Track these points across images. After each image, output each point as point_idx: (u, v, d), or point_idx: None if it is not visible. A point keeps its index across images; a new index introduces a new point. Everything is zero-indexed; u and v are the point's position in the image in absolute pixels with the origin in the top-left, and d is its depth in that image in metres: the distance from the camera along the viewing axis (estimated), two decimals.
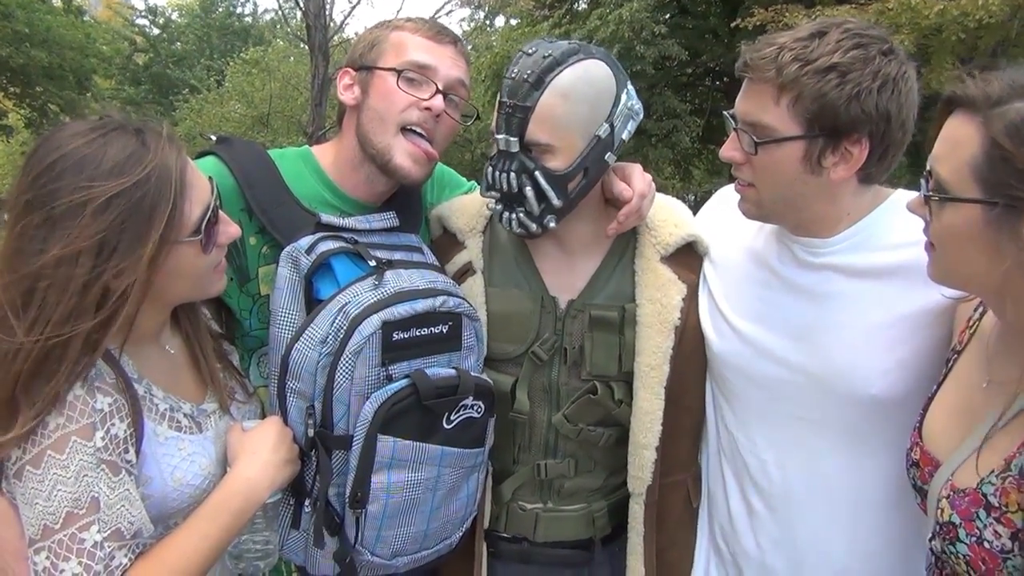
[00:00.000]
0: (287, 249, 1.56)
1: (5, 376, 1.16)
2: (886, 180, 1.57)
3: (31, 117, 20.56)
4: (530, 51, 1.58)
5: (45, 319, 1.17)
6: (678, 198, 1.94)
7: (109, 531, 1.19)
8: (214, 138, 1.68)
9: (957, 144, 1.16)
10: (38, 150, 1.24)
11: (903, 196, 1.51)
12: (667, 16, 14.58)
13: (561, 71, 1.54)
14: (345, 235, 1.60)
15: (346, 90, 1.73)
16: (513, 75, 1.55)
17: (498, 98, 1.58)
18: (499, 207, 1.64)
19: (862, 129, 1.41)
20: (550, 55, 1.55)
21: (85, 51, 20.65)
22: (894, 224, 1.52)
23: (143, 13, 30.94)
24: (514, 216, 1.63)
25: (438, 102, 1.65)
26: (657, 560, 1.77)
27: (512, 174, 1.58)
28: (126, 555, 1.21)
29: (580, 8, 15.84)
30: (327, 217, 1.63)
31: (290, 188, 1.65)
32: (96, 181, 1.19)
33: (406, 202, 1.81)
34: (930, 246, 1.28)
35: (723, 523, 1.78)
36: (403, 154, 1.66)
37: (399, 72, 1.64)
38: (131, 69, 29.84)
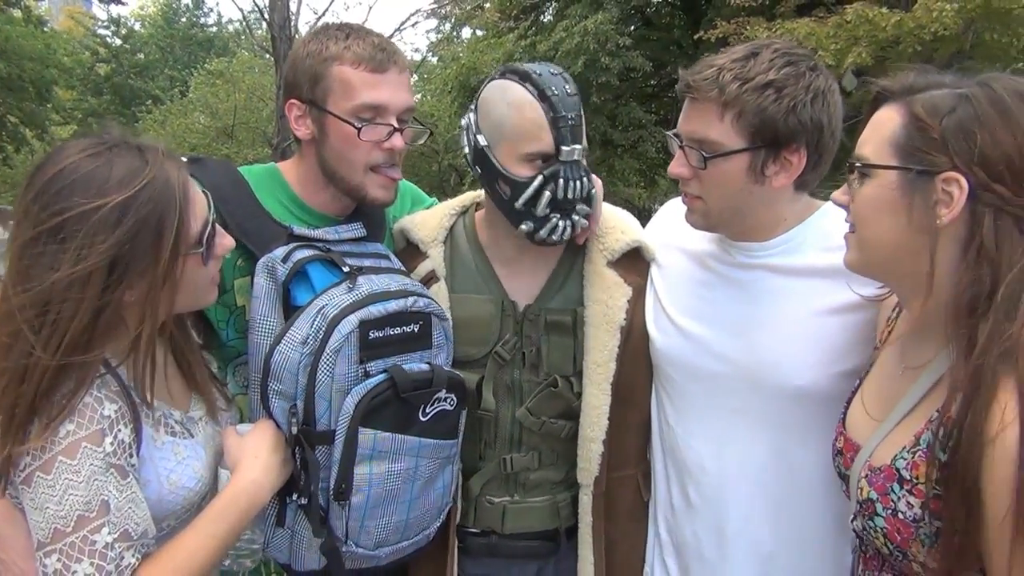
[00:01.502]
0: (263, 260, 1.61)
1: (26, 388, 1.19)
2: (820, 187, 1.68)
3: None
4: (553, 71, 1.70)
5: (59, 337, 1.19)
6: (645, 207, 2.03)
7: (118, 532, 1.23)
8: (185, 159, 1.72)
9: (880, 126, 1.28)
10: (44, 167, 1.25)
11: (832, 206, 1.59)
12: (631, 28, 14.71)
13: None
14: (318, 244, 1.65)
15: (298, 123, 1.74)
16: (558, 92, 1.65)
17: (549, 115, 1.64)
18: (554, 220, 1.70)
19: (799, 139, 1.52)
20: (560, 71, 1.71)
21: (45, 62, 20.33)
22: (825, 229, 1.62)
23: (105, 23, 30.61)
24: (569, 222, 1.71)
25: (398, 142, 1.71)
26: (609, 552, 1.85)
27: (585, 177, 1.69)
28: (134, 555, 1.25)
29: (546, 20, 15.94)
30: (299, 228, 1.69)
31: (261, 203, 1.71)
32: (104, 196, 1.21)
33: (369, 213, 1.86)
34: (850, 234, 1.37)
35: (667, 515, 1.84)
36: (376, 188, 1.75)
37: (354, 123, 1.67)
38: (93, 80, 29.49)
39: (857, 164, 1.30)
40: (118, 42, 30.65)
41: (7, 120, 19.85)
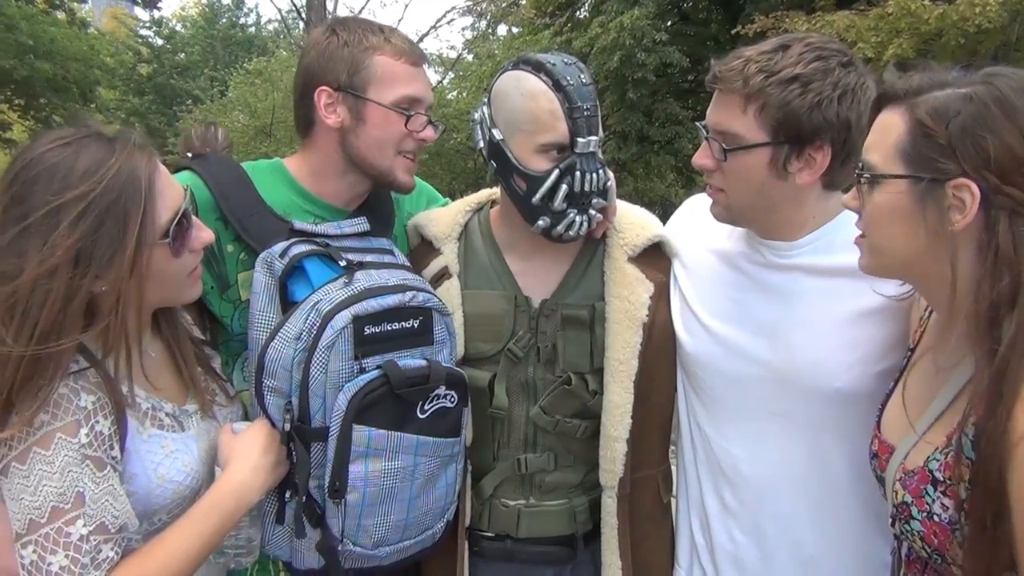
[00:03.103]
0: (262, 255, 1.60)
1: (0, 380, 1.18)
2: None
3: (36, 129, 20.65)
4: (567, 61, 1.67)
5: (30, 328, 1.18)
6: (680, 204, 2.00)
7: (94, 525, 1.21)
8: (190, 155, 1.73)
9: (886, 131, 1.25)
10: (15, 160, 1.25)
11: None
12: (668, 23, 14.65)
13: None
14: (317, 239, 1.64)
15: (328, 110, 1.71)
16: (573, 82, 1.62)
17: (564, 106, 1.61)
18: (571, 215, 1.67)
19: (824, 136, 1.49)
20: (575, 61, 1.68)
21: (89, 62, 20.78)
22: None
23: (147, 24, 31.13)
24: (585, 216, 1.68)
25: (430, 133, 1.76)
26: (631, 556, 1.80)
27: (601, 169, 1.67)
28: (112, 548, 1.24)
29: (581, 16, 15.92)
30: (300, 223, 1.68)
31: (263, 198, 1.71)
32: (68, 188, 1.21)
33: (376, 207, 1.87)
34: (861, 239, 1.36)
35: (700, 519, 1.81)
36: (403, 172, 1.77)
37: (401, 111, 1.70)
38: (135, 80, 29.96)
39: (865, 174, 1.28)
40: (160, 42, 31.16)
41: (52, 120, 20.24)
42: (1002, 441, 1.08)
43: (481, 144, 1.77)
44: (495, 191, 1.94)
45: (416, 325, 1.56)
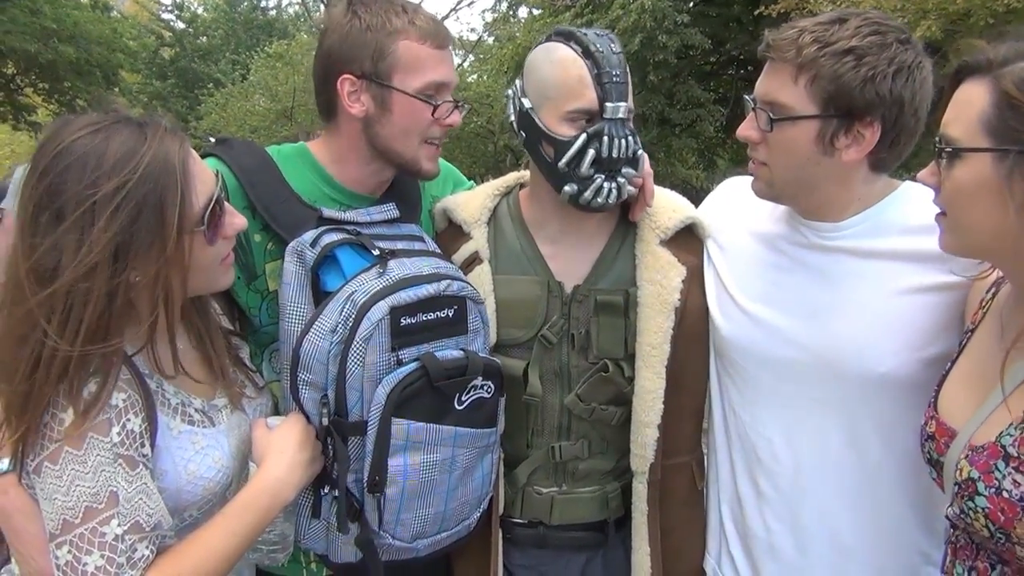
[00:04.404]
0: (292, 244, 1.57)
1: (39, 377, 1.17)
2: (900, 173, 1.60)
3: (59, 112, 20.78)
4: (599, 33, 1.67)
5: (75, 326, 1.17)
6: (703, 188, 1.99)
7: (129, 524, 1.20)
8: (213, 140, 1.69)
9: (968, 104, 1.20)
10: (43, 147, 1.22)
11: (913, 186, 1.54)
12: (690, 4, 14.47)
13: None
14: (348, 227, 1.62)
15: (351, 99, 1.65)
16: (602, 49, 1.62)
17: (593, 72, 1.62)
18: (598, 180, 1.65)
19: (875, 112, 1.45)
20: (607, 32, 1.68)
21: (112, 46, 20.85)
22: (905, 211, 1.55)
23: (169, 8, 31.16)
24: (614, 185, 1.66)
25: (456, 118, 1.71)
26: (663, 541, 1.80)
27: (631, 137, 1.65)
28: (147, 547, 1.22)
29: None
30: (329, 211, 1.65)
31: (290, 184, 1.67)
32: (101, 179, 1.17)
33: (403, 193, 1.83)
34: (941, 216, 1.31)
35: (732, 505, 1.80)
36: (428, 160, 1.72)
37: (428, 100, 1.65)
38: (157, 63, 30.02)
39: (946, 148, 1.23)
40: (182, 26, 31.18)
41: (76, 103, 20.34)
42: None
43: (512, 116, 1.76)
44: (523, 174, 1.93)
45: (451, 315, 1.55)
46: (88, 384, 1.20)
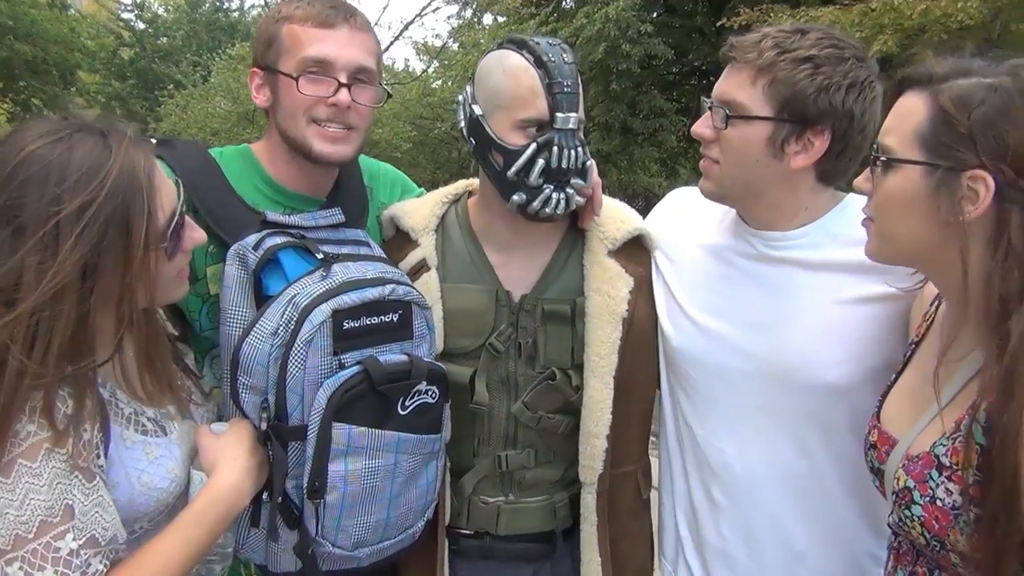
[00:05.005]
0: (234, 247, 1.55)
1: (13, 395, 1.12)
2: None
3: (14, 112, 20.42)
4: (552, 42, 1.66)
5: (41, 349, 1.12)
6: (663, 196, 2.00)
7: (84, 538, 1.16)
8: (154, 140, 1.66)
9: (905, 116, 1.24)
10: (1, 159, 1.15)
11: (858, 199, 1.56)
12: (653, 15, 14.61)
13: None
14: (292, 231, 1.60)
15: (258, 92, 1.69)
16: (554, 59, 1.61)
17: (544, 81, 1.61)
18: (547, 190, 1.64)
19: (826, 121, 1.49)
20: (559, 42, 1.67)
21: (70, 45, 20.57)
22: (852, 222, 1.57)
23: (129, 7, 30.69)
24: (563, 195, 1.65)
25: (343, 97, 1.63)
26: (611, 551, 1.79)
27: (581, 147, 1.64)
28: (101, 561, 1.18)
29: (567, 6, 15.85)
30: (272, 214, 1.63)
31: (234, 187, 1.65)
32: (64, 195, 1.12)
33: (350, 198, 1.81)
34: (868, 222, 1.34)
35: (687, 514, 1.80)
36: (319, 141, 1.65)
37: (297, 78, 1.61)
38: (116, 64, 29.50)
39: (881, 157, 1.26)
40: (142, 26, 30.72)
41: (31, 103, 20.01)
42: (1014, 439, 1.07)
43: (462, 123, 1.74)
44: (471, 182, 1.92)
45: (396, 319, 1.53)
46: (66, 402, 1.16)
